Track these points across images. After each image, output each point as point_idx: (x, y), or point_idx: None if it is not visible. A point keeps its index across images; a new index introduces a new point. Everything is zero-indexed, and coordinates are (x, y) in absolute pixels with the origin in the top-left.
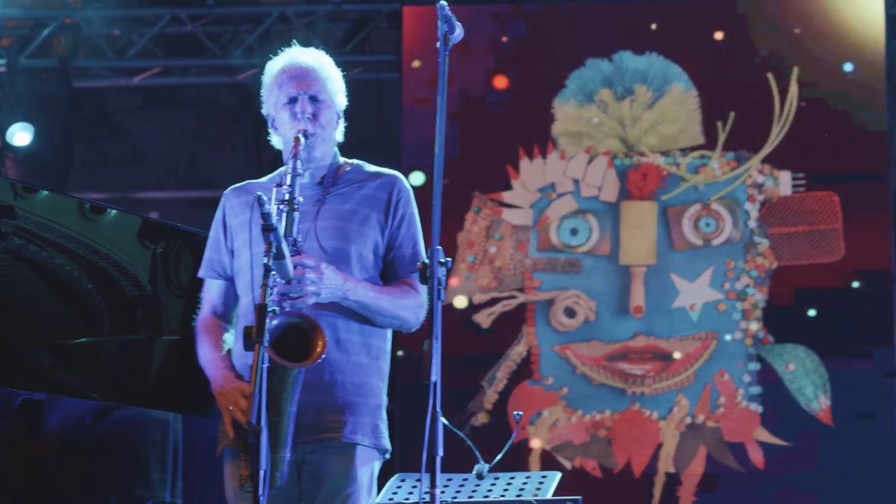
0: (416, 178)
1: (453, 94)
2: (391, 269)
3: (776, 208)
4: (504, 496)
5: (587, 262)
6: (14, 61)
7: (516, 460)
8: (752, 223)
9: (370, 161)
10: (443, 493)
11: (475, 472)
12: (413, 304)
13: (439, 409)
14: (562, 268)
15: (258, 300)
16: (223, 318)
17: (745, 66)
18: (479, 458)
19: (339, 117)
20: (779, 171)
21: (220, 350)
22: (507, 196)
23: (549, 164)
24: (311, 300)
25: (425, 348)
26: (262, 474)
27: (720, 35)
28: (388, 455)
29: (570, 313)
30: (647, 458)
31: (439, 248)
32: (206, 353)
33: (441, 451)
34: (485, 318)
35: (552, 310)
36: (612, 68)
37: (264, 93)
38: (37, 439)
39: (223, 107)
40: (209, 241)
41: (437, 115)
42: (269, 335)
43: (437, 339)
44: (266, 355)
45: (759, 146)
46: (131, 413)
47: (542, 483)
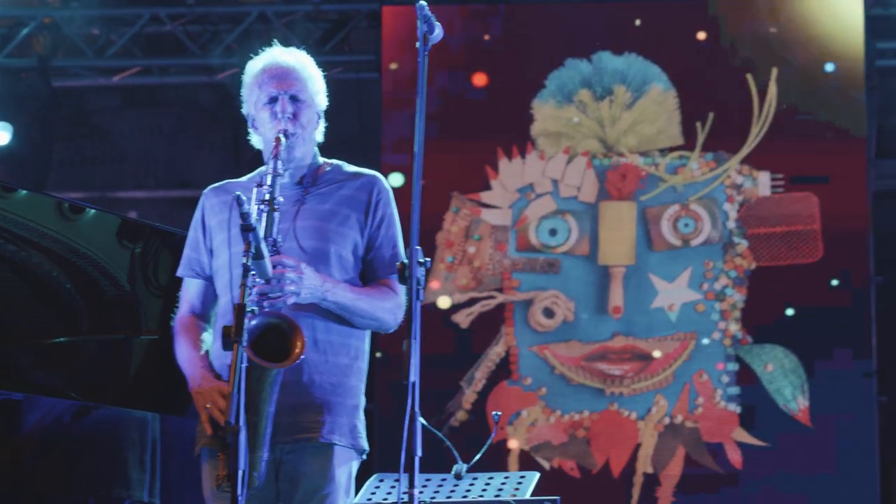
0: (396, 180)
1: (432, 95)
2: (370, 270)
3: (755, 209)
4: (482, 496)
5: (566, 263)
6: None
7: (495, 460)
8: (731, 224)
9: (349, 161)
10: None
11: (453, 473)
12: (391, 306)
13: (418, 410)
14: (541, 268)
15: (237, 300)
16: (201, 317)
17: (724, 66)
18: (458, 458)
19: (320, 117)
20: (757, 172)
21: (198, 349)
22: (485, 196)
23: (528, 165)
24: (291, 300)
25: (404, 348)
26: (239, 474)
27: (703, 35)
28: (365, 455)
29: (548, 313)
30: (625, 459)
31: (418, 248)
32: (184, 353)
33: (419, 452)
34: (463, 319)
35: (531, 310)
36: (591, 69)
37: (244, 92)
38: (15, 439)
39: (202, 106)
40: (188, 240)
41: (417, 115)
42: (247, 335)
43: (415, 339)
44: (244, 355)
45: (737, 147)
46: (110, 413)
47: (520, 483)
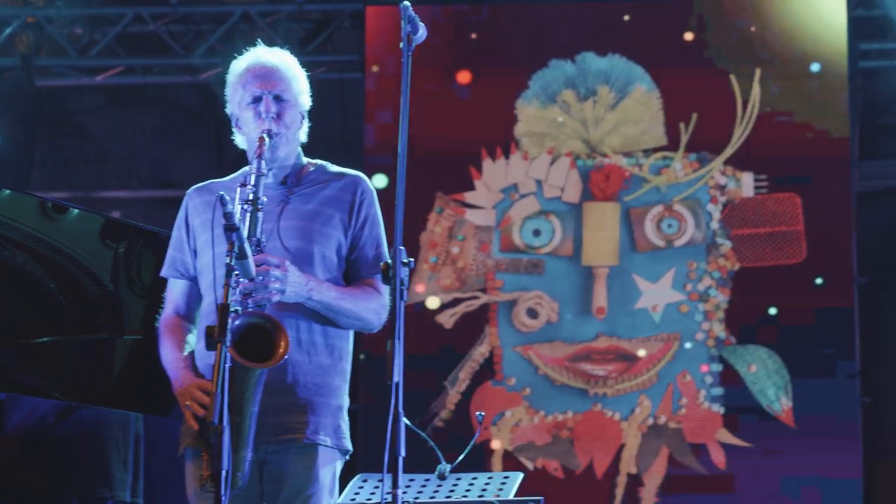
0: (379, 181)
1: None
2: (354, 270)
3: (738, 210)
4: (466, 497)
5: (550, 263)
6: None
7: (478, 461)
8: (715, 224)
9: (333, 161)
10: (405, 493)
11: (437, 473)
12: (375, 306)
13: (401, 410)
14: (524, 268)
15: (221, 300)
16: (186, 318)
17: (707, 67)
18: (442, 458)
19: (304, 117)
20: (741, 173)
21: (182, 350)
22: (469, 197)
23: (511, 165)
24: (276, 297)
25: (388, 349)
26: (223, 474)
27: (690, 36)
28: (349, 456)
29: (532, 314)
30: (609, 459)
31: (402, 248)
32: (168, 354)
33: (403, 452)
34: (447, 319)
35: (515, 310)
36: (574, 69)
37: (228, 92)
38: None
39: (186, 106)
40: (172, 240)
41: (400, 115)
42: (231, 335)
43: (399, 339)
44: (228, 355)
45: (721, 148)
46: (93, 413)
47: (504, 484)
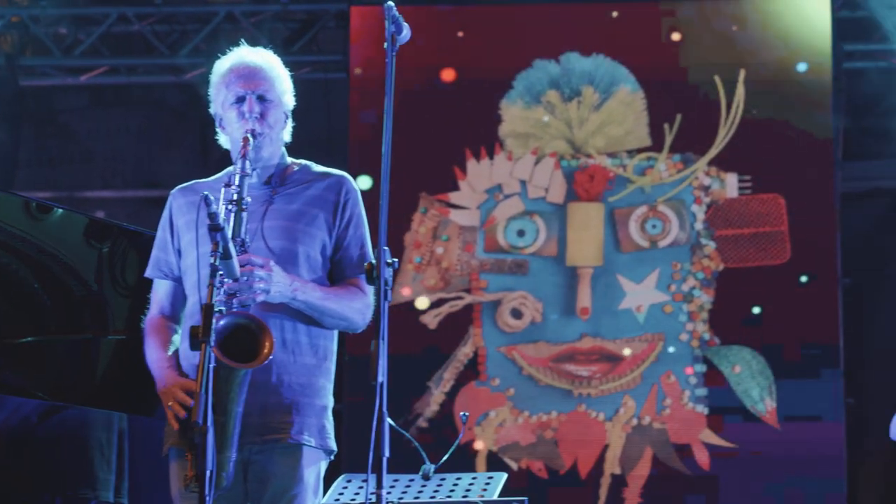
0: (364, 182)
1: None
2: (338, 270)
3: (722, 210)
4: (450, 497)
5: (534, 264)
6: None
7: (463, 461)
8: (699, 225)
9: (317, 161)
10: (389, 493)
11: (421, 473)
12: (360, 306)
13: (385, 410)
14: (508, 269)
15: (205, 300)
16: (171, 318)
17: (691, 68)
18: (426, 458)
19: (287, 117)
20: (725, 174)
21: (167, 351)
22: (454, 197)
23: (495, 165)
24: (260, 297)
25: (372, 349)
26: (207, 474)
27: (677, 37)
28: (333, 456)
29: (516, 314)
30: (593, 460)
31: (386, 248)
32: (153, 354)
33: (387, 452)
34: (431, 319)
35: (499, 311)
36: (559, 69)
37: (212, 92)
38: None
39: (170, 106)
40: (156, 240)
41: (385, 114)
42: (215, 335)
43: (383, 339)
44: (212, 355)
45: (705, 148)
46: (77, 413)
47: (488, 484)
